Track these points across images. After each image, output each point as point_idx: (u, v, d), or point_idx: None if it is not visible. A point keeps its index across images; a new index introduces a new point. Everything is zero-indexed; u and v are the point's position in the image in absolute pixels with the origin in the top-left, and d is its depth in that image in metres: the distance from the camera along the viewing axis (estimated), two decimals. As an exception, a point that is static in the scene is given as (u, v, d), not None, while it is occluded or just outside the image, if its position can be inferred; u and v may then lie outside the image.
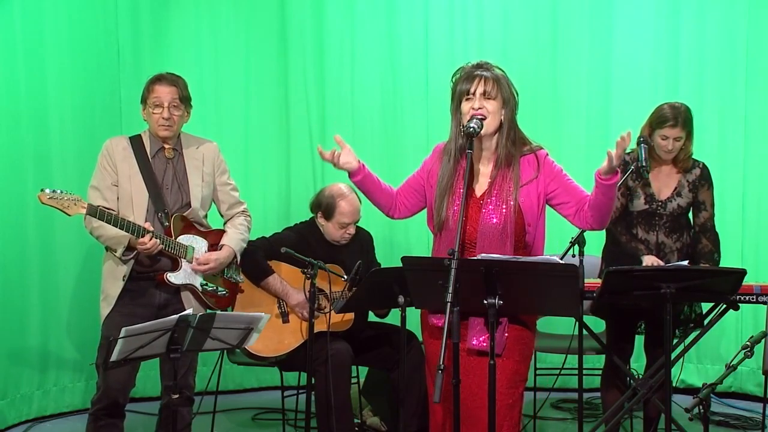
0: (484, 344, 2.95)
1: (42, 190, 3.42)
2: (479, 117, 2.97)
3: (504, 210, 3.00)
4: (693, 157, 4.12)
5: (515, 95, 3.08)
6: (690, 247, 4.15)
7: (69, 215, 3.49)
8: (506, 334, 2.99)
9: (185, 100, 3.79)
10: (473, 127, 2.93)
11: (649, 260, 3.98)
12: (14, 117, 4.96)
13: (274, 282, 4.22)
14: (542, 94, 5.72)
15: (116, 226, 3.54)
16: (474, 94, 3.00)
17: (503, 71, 3.10)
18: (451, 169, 3.08)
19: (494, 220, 3.00)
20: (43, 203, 3.41)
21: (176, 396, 3.20)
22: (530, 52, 5.72)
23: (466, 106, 3.01)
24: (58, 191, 3.44)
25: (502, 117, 3.04)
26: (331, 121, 5.84)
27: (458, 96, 3.05)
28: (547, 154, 3.13)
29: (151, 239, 3.58)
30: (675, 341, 4.07)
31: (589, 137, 5.69)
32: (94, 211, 3.49)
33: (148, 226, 3.62)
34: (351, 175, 3.19)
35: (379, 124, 5.85)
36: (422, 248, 5.22)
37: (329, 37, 5.82)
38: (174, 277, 3.71)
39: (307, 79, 5.83)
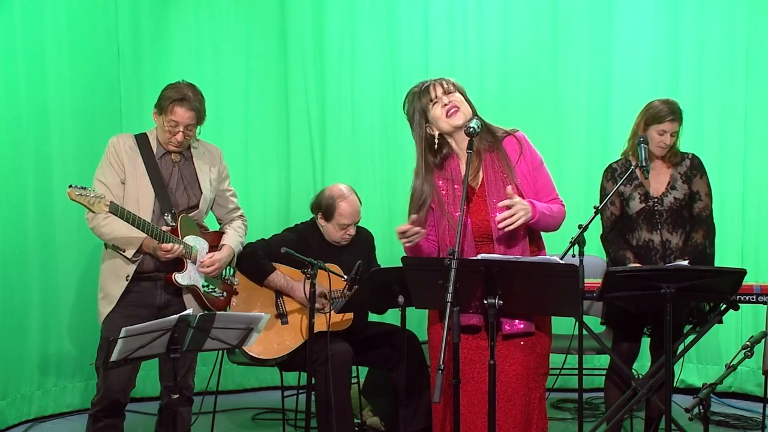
0: (520, 326, 2.98)
1: (70, 186, 3.40)
2: (476, 118, 2.98)
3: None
4: (682, 150, 4.15)
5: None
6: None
7: (94, 212, 3.49)
8: (524, 323, 3.02)
9: (202, 119, 3.77)
10: (473, 127, 2.94)
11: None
12: (14, 117, 4.96)
13: (277, 279, 4.22)
14: (542, 94, 5.72)
15: (138, 228, 3.54)
16: (437, 96, 3.06)
17: None
18: (428, 188, 3.08)
19: (503, 208, 2.98)
20: (71, 199, 3.40)
21: (176, 396, 3.19)
22: (530, 52, 5.73)
23: (435, 110, 3.05)
24: (85, 188, 3.43)
25: (469, 108, 3.08)
26: (331, 121, 5.85)
27: (420, 112, 3.09)
28: (525, 136, 3.16)
29: (174, 247, 3.60)
30: (687, 329, 4.09)
31: (589, 137, 5.69)
32: (116, 210, 3.49)
33: (165, 229, 3.63)
34: None
35: (379, 124, 5.85)
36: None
37: (329, 37, 5.82)
38: (181, 278, 3.71)
39: (307, 79, 5.83)
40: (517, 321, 2.99)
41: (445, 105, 3.03)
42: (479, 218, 3.04)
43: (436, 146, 3.08)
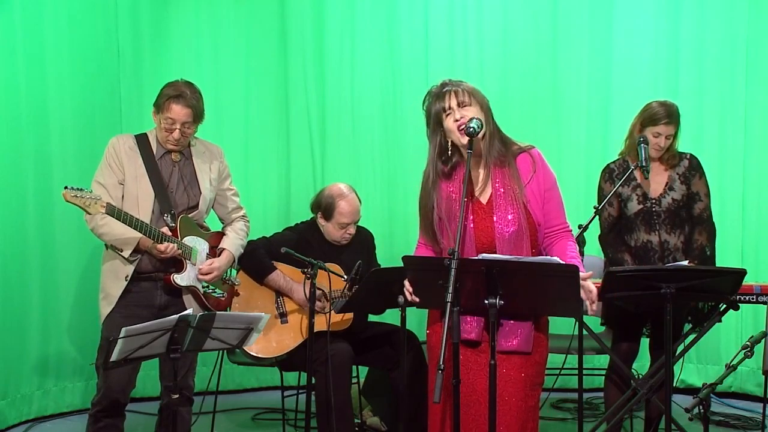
0: (513, 343, 2.95)
1: (66, 188, 3.39)
2: (476, 118, 2.96)
3: (516, 212, 2.99)
4: (680, 150, 4.15)
5: (488, 101, 3.09)
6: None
7: (90, 213, 3.48)
8: (532, 334, 2.98)
9: (199, 117, 3.75)
10: (473, 127, 2.92)
11: None
12: (14, 117, 4.96)
13: (277, 278, 4.22)
14: (542, 93, 5.73)
15: (135, 228, 3.53)
16: (451, 107, 3.00)
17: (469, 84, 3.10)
18: (432, 192, 3.07)
19: (508, 225, 2.98)
20: (67, 201, 3.39)
21: (176, 396, 3.19)
22: (530, 52, 5.73)
23: (448, 122, 3.01)
24: (82, 189, 3.42)
25: (484, 121, 3.03)
26: (331, 121, 5.85)
27: (435, 117, 3.04)
28: (541, 154, 3.11)
29: (169, 246, 3.59)
30: (687, 329, 4.09)
31: (589, 137, 5.70)
32: (113, 211, 3.48)
33: (165, 231, 3.63)
34: None
35: (379, 124, 5.85)
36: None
37: (329, 37, 5.82)
38: (180, 279, 3.70)
39: (307, 79, 5.83)
40: (512, 339, 2.95)
41: (457, 120, 2.99)
42: (484, 233, 3.01)
43: (449, 152, 3.05)
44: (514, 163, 3.04)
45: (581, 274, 2.85)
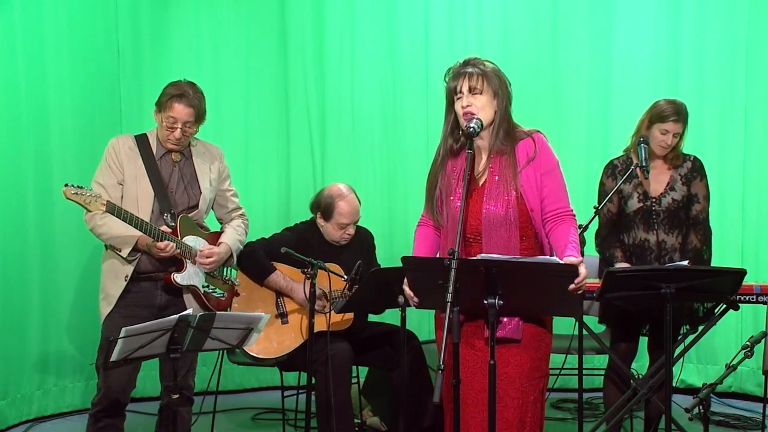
0: (499, 334, 2.94)
1: (66, 185, 3.40)
2: (477, 118, 2.97)
3: (506, 197, 3.00)
4: (684, 152, 4.15)
5: (508, 86, 3.08)
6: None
7: (90, 211, 3.48)
8: (521, 323, 2.99)
9: (201, 117, 3.76)
10: (473, 128, 2.94)
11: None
12: (14, 117, 4.96)
13: (278, 279, 4.22)
14: (542, 93, 5.72)
15: (135, 227, 3.53)
16: (462, 91, 3.02)
17: (493, 63, 3.09)
18: (439, 167, 3.10)
19: (495, 209, 2.99)
20: (67, 198, 3.39)
21: (176, 396, 3.19)
22: (530, 52, 5.73)
23: (458, 105, 3.04)
24: (82, 187, 3.43)
25: (495, 109, 3.03)
26: (331, 121, 5.85)
27: (449, 95, 3.07)
28: (545, 138, 3.11)
29: (168, 245, 3.59)
30: (683, 332, 4.08)
31: (589, 137, 5.70)
32: (113, 209, 3.48)
33: (165, 229, 3.63)
34: None
35: (379, 124, 5.86)
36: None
37: (329, 37, 5.82)
38: (180, 278, 3.70)
39: (307, 79, 5.83)
40: (499, 330, 2.93)
41: (464, 107, 3.00)
42: (473, 216, 3.02)
43: (459, 132, 3.06)
44: (514, 151, 3.05)
45: (573, 260, 2.87)
